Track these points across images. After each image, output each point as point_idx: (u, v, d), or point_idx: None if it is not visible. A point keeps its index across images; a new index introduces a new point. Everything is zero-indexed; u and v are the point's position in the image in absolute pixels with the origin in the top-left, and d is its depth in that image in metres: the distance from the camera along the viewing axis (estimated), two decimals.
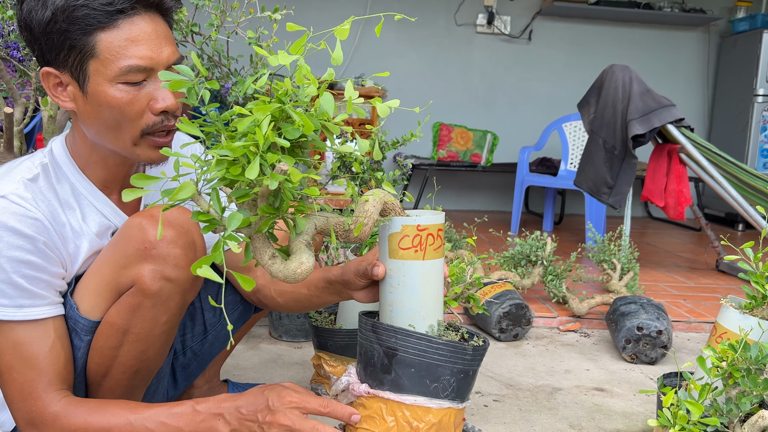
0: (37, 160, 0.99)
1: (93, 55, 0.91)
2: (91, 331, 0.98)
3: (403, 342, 0.93)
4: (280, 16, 1.78)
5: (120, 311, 0.97)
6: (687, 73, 5.18)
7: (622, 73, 2.79)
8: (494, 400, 1.62)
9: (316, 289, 1.12)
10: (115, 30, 0.91)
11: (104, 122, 0.95)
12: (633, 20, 5.01)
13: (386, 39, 4.92)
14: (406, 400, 0.94)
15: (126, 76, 0.92)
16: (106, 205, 1.04)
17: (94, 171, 1.03)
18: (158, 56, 0.94)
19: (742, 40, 4.82)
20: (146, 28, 0.93)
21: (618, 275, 2.44)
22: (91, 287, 0.98)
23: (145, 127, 0.96)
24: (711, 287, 2.85)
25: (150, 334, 0.99)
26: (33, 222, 0.92)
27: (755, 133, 4.64)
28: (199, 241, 1.00)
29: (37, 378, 0.91)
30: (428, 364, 0.94)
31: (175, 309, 1.00)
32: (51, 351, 0.93)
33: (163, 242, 0.95)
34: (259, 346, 1.91)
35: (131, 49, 0.92)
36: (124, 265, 0.96)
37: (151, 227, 0.95)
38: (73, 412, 0.92)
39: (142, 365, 1.02)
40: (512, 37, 4.99)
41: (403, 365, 0.94)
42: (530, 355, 1.97)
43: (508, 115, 5.04)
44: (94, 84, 0.93)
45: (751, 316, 1.17)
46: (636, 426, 1.51)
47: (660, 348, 1.91)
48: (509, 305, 2.06)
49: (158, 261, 0.95)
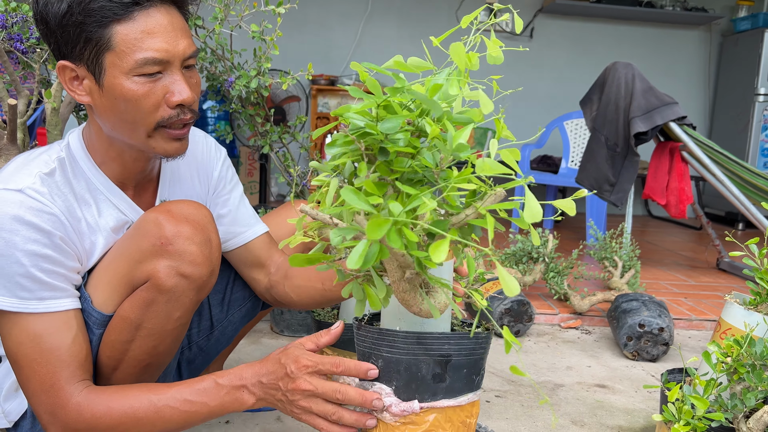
0: (54, 155, 0.98)
1: (109, 48, 0.91)
2: (103, 325, 0.98)
3: (457, 346, 0.89)
4: (284, 10, 1.78)
5: (133, 306, 0.97)
6: (688, 72, 5.18)
7: (625, 71, 2.79)
8: (496, 396, 1.62)
9: (330, 283, 1.13)
10: (131, 22, 0.90)
11: (120, 115, 0.95)
12: (635, 18, 5.00)
13: (388, 35, 4.91)
14: (461, 401, 0.92)
15: (142, 69, 0.92)
16: (122, 201, 1.04)
17: (111, 167, 1.02)
18: (174, 48, 0.93)
19: (744, 39, 4.81)
20: (162, 20, 0.92)
21: (619, 273, 2.44)
22: (105, 280, 0.98)
23: (161, 120, 0.96)
24: (712, 285, 2.85)
25: (162, 330, 0.99)
26: (49, 217, 0.92)
27: (756, 132, 4.64)
28: (215, 238, 1.00)
29: (59, 370, 0.91)
30: (475, 361, 0.92)
31: (189, 305, 1.00)
32: (74, 342, 0.93)
33: (179, 238, 0.95)
34: (261, 341, 1.91)
35: (147, 41, 0.91)
36: (140, 259, 0.95)
37: (167, 223, 0.95)
38: (95, 400, 0.91)
39: (153, 360, 1.02)
40: (514, 34, 4.98)
41: (457, 368, 0.90)
42: (532, 352, 1.97)
43: (510, 112, 5.03)
44: (110, 77, 0.92)
45: (755, 312, 1.17)
46: (638, 422, 1.51)
47: (661, 345, 1.91)
48: (511, 302, 2.06)
49: (174, 257, 0.95)
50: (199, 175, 1.16)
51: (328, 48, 4.81)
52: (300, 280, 1.18)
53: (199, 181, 1.16)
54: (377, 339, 0.88)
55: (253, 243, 1.21)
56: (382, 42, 4.89)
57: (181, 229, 0.95)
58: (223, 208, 1.19)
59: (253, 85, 1.73)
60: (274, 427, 1.38)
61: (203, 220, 0.98)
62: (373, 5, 4.82)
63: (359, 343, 0.92)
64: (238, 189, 1.23)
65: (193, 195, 1.15)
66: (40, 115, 2.27)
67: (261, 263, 1.22)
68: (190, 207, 0.98)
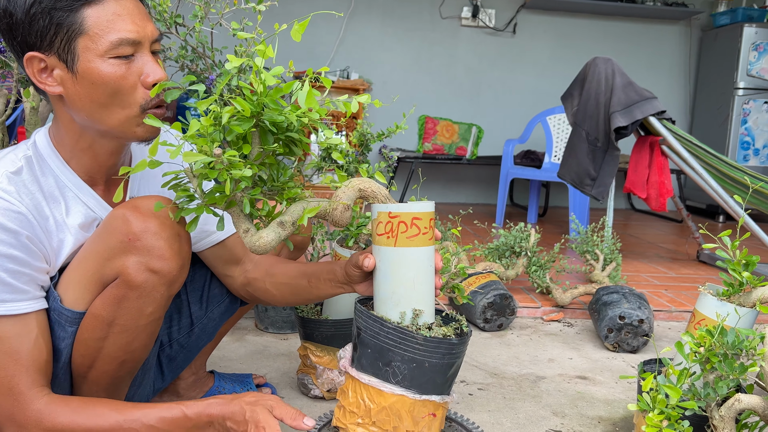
0: (21, 153, 0.98)
1: (81, 32, 0.91)
2: (75, 322, 0.98)
3: (363, 322, 0.99)
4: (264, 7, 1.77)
5: (105, 303, 0.97)
6: (669, 66, 5.23)
7: (605, 66, 2.82)
8: (479, 389, 1.64)
9: (317, 281, 1.13)
10: (100, 5, 0.92)
11: (97, 100, 0.95)
12: (616, 14, 5.05)
13: (371, 32, 4.91)
14: (363, 378, 0.99)
15: (117, 50, 0.93)
16: (92, 198, 1.03)
17: (80, 161, 1.02)
18: (144, 30, 0.96)
19: (723, 33, 4.87)
20: (128, 4, 0.95)
21: (601, 266, 2.48)
22: (76, 279, 0.98)
23: (143, 103, 0.97)
24: (692, 277, 2.89)
25: (135, 326, 0.99)
26: (17, 216, 0.91)
27: (736, 126, 4.70)
28: (183, 232, 1.00)
29: (19, 373, 0.90)
30: (380, 347, 0.97)
31: (161, 300, 1.00)
32: (34, 346, 0.92)
33: (147, 234, 0.95)
34: (245, 338, 1.92)
35: (119, 23, 0.93)
36: (109, 257, 0.95)
37: (135, 219, 0.94)
38: (57, 411, 0.91)
39: (128, 356, 1.02)
40: (497, 30, 5.01)
41: (364, 345, 0.99)
42: (514, 345, 2.00)
43: (493, 108, 5.06)
44: (85, 61, 0.92)
45: (728, 302, 1.20)
46: (617, 413, 1.54)
47: (642, 337, 1.94)
48: (493, 295, 2.08)
49: (142, 253, 0.95)
50: None
51: (312, 44, 4.81)
52: (283, 277, 1.18)
53: None
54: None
55: (229, 240, 1.21)
56: (365, 38, 4.90)
57: (148, 225, 0.95)
58: None
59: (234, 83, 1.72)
60: None
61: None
62: (357, 2, 4.82)
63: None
64: None
65: (165, 191, 1.14)
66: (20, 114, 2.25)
67: (237, 260, 1.22)
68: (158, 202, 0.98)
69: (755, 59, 4.66)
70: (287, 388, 1.57)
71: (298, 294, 1.17)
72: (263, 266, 1.21)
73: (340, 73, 4.76)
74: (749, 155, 4.75)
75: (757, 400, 1.03)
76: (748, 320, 1.16)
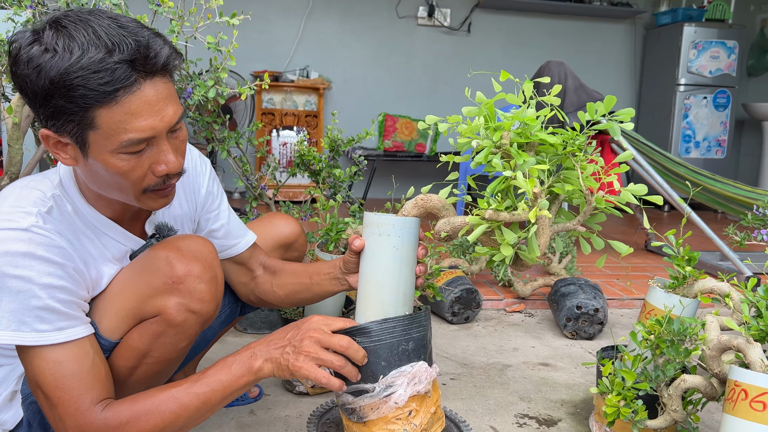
0: (48, 191, 0.99)
1: (92, 128, 0.90)
2: (108, 351, 1.04)
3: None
4: (238, 21, 1.84)
5: (142, 336, 1.03)
6: (617, 64, 5.47)
7: (558, 69, 2.98)
8: (451, 379, 1.76)
9: (318, 276, 1.21)
10: (114, 105, 0.88)
11: (105, 183, 0.97)
12: (566, 13, 5.24)
13: (330, 31, 4.97)
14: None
15: (127, 149, 0.92)
16: (119, 233, 1.07)
17: (104, 207, 1.05)
18: (159, 123, 0.92)
19: (665, 32, 5.13)
20: (147, 95, 0.90)
21: (557, 258, 2.63)
22: (113, 310, 1.03)
23: (147, 187, 0.98)
24: (641, 266, 3.09)
25: (168, 359, 1.07)
26: (59, 250, 0.94)
27: (678, 120, 4.97)
28: (220, 274, 1.07)
29: (83, 393, 0.94)
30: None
31: (194, 335, 1.07)
32: (92, 366, 0.96)
33: (189, 277, 1.01)
34: (225, 339, 1.98)
35: (132, 122, 0.89)
36: (151, 295, 1.01)
37: (178, 262, 1.01)
38: (118, 410, 0.96)
39: (152, 382, 1.09)
40: (452, 29, 5.14)
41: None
42: (481, 336, 2.13)
43: (450, 105, 5.19)
44: (95, 152, 0.92)
45: (674, 294, 1.34)
46: (578, 395, 1.68)
47: (597, 324, 2.10)
48: (460, 290, 2.20)
49: (185, 295, 1.01)
50: (186, 194, 1.20)
51: (271, 43, 4.83)
52: (288, 277, 1.26)
53: (186, 200, 1.20)
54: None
55: (246, 251, 1.29)
56: (324, 37, 4.95)
57: (191, 269, 1.01)
58: (215, 222, 1.25)
59: (210, 95, 1.79)
60: (248, 419, 1.47)
61: (210, 257, 1.05)
62: (314, 1, 4.87)
63: None
64: (224, 200, 1.28)
65: (180, 215, 1.19)
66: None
67: (248, 268, 1.30)
68: (198, 244, 1.04)
69: (695, 57, 4.93)
70: (272, 385, 1.66)
71: (299, 293, 1.25)
72: (270, 269, 1.30)
73: (300, 72, 4.81)
74: (690, 147, 5.03)
75: (699, 379, 1.18)
76: (691, 309, 1.31)
